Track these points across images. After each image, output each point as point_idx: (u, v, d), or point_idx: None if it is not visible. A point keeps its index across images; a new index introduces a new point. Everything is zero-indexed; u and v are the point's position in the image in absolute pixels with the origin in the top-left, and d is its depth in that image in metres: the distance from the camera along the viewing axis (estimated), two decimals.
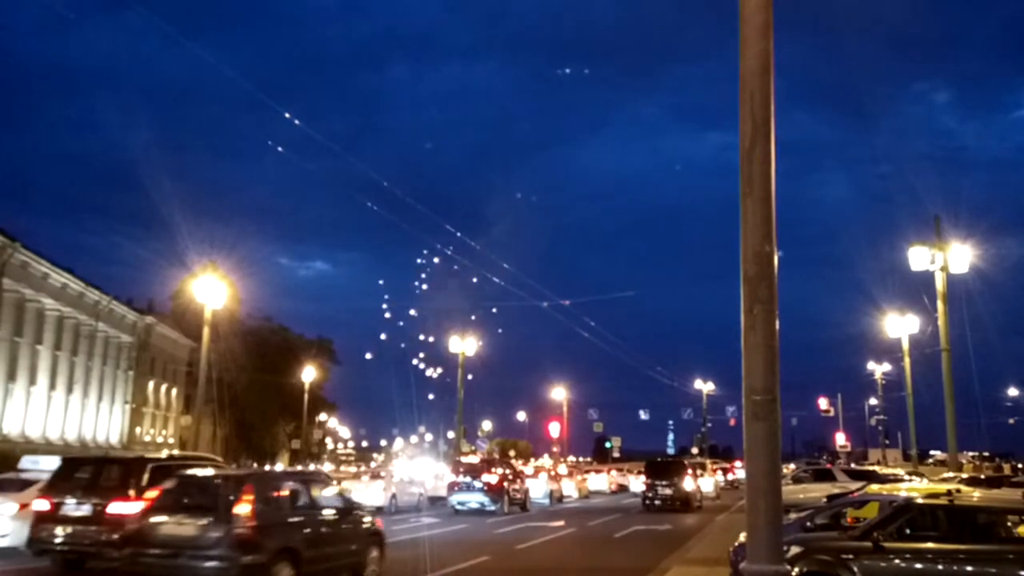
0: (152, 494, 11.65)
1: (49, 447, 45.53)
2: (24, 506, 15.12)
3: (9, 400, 41.78)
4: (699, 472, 37.36)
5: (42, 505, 13.59)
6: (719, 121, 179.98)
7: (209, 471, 13.31)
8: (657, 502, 32.00)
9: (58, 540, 13.18)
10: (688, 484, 32.74)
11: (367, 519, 13.57)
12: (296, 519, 11.71)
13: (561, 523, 23.97)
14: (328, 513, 12.47)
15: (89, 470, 14.24)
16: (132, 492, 12.91)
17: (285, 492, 12.02)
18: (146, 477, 13.27)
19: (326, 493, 13.04)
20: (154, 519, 10.91)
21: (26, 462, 17.95)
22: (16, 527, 15.13)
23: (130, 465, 14.08)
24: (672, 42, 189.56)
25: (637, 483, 42.87)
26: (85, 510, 13.16)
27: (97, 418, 52.27)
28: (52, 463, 16.33)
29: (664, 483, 32.49)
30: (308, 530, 11.79)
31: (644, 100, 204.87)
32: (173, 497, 11.24)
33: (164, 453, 19.69)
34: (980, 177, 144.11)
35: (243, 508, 10.52)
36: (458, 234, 31.55)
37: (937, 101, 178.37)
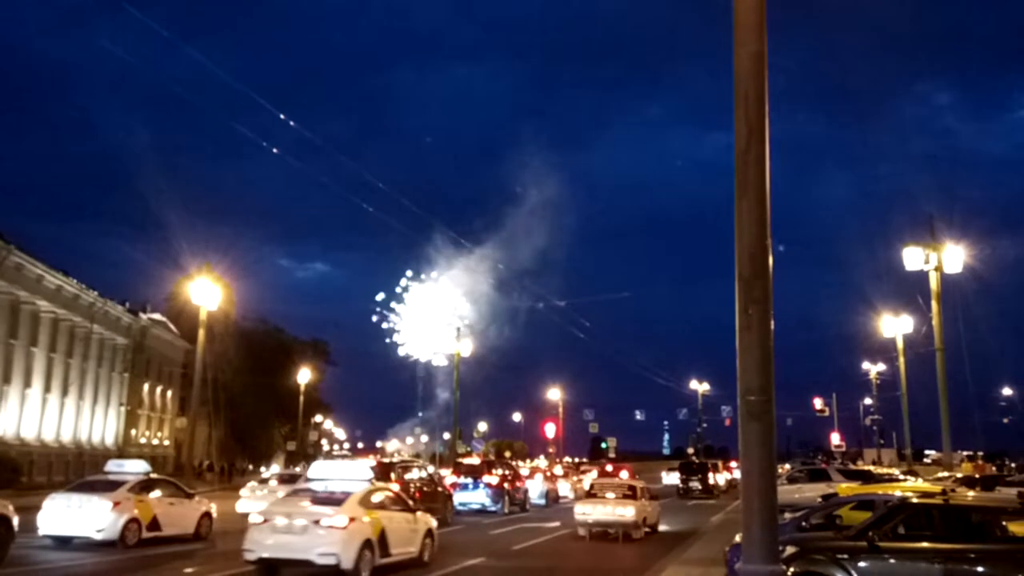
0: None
1: (44, 450, 45.40)
2: (117, 504, 16.50)
3: (4, 402, 41.61)
4: (717, 470, 50.62)
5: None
6: (719, 121, 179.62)
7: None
8: (687, 491, 43.87)
9: None
10: (710, 479, 46.08)
11: (440, 487, 26.02)
12: (414, 480, 23.95)
13: (557, 524, 23.98)
14: (424, 480, 25.10)
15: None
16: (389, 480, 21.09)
17: (406, 469, 24.94)
18: (394, 473, 22.94)
19: (423, 472, 26.86)
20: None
21: (111, 465, 19.17)
22: (111, 522, 16.33)
23: (385, 466, 23.92)
24: (673, 43, 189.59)
25: (670, 477, 56.02)
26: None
27: (92, 420, 52.05)
28: (135, 466, 18.90)
29: (693, 478, 45.09)
30: (419, 484, 23.85)
31: (645, 101, 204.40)
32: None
33: (395, 458, 32.21)
34: (977, 177, 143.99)
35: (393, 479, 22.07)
36: (457, 236, 31.62)
37: (937, 101, 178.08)
